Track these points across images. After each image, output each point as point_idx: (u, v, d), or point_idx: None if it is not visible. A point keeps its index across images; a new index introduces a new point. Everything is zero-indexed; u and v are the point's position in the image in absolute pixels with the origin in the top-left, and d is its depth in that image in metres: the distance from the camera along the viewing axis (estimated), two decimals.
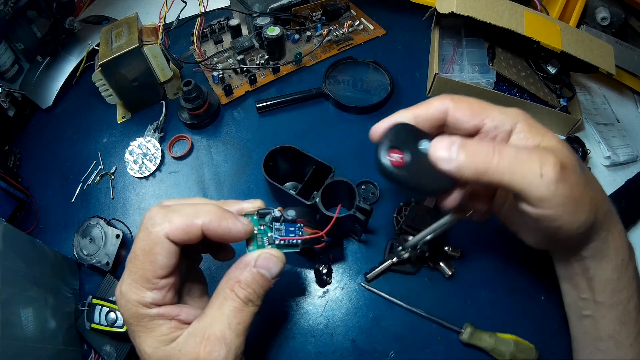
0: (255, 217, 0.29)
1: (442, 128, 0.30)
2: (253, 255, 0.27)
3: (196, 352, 0.23)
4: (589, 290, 0.30)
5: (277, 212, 0.29)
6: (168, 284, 0.25)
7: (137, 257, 0.24)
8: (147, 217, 0.25)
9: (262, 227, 0.29)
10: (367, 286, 0.42)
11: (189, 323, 0.25)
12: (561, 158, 0.25)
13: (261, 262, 0.26)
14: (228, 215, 0.26)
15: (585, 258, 0.30)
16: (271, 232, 0.29)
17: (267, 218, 0.29)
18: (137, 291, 0.24)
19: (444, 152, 0.25)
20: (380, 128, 0.28)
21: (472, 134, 0.29)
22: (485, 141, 0.27)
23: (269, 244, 0.29)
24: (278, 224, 0.29)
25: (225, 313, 0.25)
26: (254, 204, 0.29)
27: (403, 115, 0.29)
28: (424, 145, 0.27)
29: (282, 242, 0.29)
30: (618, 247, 0.29)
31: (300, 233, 0.30)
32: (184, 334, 0.25)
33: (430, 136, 0.27)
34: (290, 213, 0.29)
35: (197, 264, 0.32)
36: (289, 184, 0.49)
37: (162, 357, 0.24)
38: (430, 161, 0.26)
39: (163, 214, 0.25)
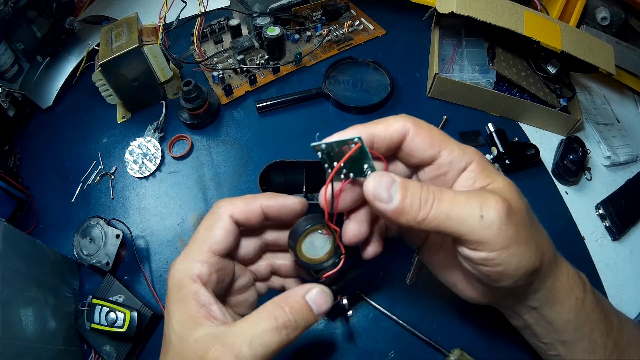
0: None
1: (395, 151, 0.28)
2: (306, 287, 0.26)
3: (205, 351, 0.23)
4: (550, 335, 0.30)
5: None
6: (218, 264, 0.26)
7: (199, 232, 0.27)
8: (215, 204, 0.28)
9: None
10: (361, 294, 0.42)
11: (217, 319, 0.25)
12: (507, 199, 0.24)
13: (313, 296, 0.26)
14: (281, 195, 0.29)
15: (535, 308, 0.29)
16: None
17: None
18: (187, 262, 0.26)
19: (384, 193, 0.24)
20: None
21: (424, 164, 0.27)
22: (427, 185, 0.25)
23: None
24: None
25: (253, 331, 0.24)
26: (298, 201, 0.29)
27: (359, 131, 0.26)
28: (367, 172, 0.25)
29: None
30: (569, 289, 0.28)
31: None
32: (209, 329, 0.24)
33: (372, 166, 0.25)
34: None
35: (257, 295, 0.32)
36: None
37: (182, 336, 0.24)
38: (366, 198, 0.24)
39: (228, 200, 0.28)
